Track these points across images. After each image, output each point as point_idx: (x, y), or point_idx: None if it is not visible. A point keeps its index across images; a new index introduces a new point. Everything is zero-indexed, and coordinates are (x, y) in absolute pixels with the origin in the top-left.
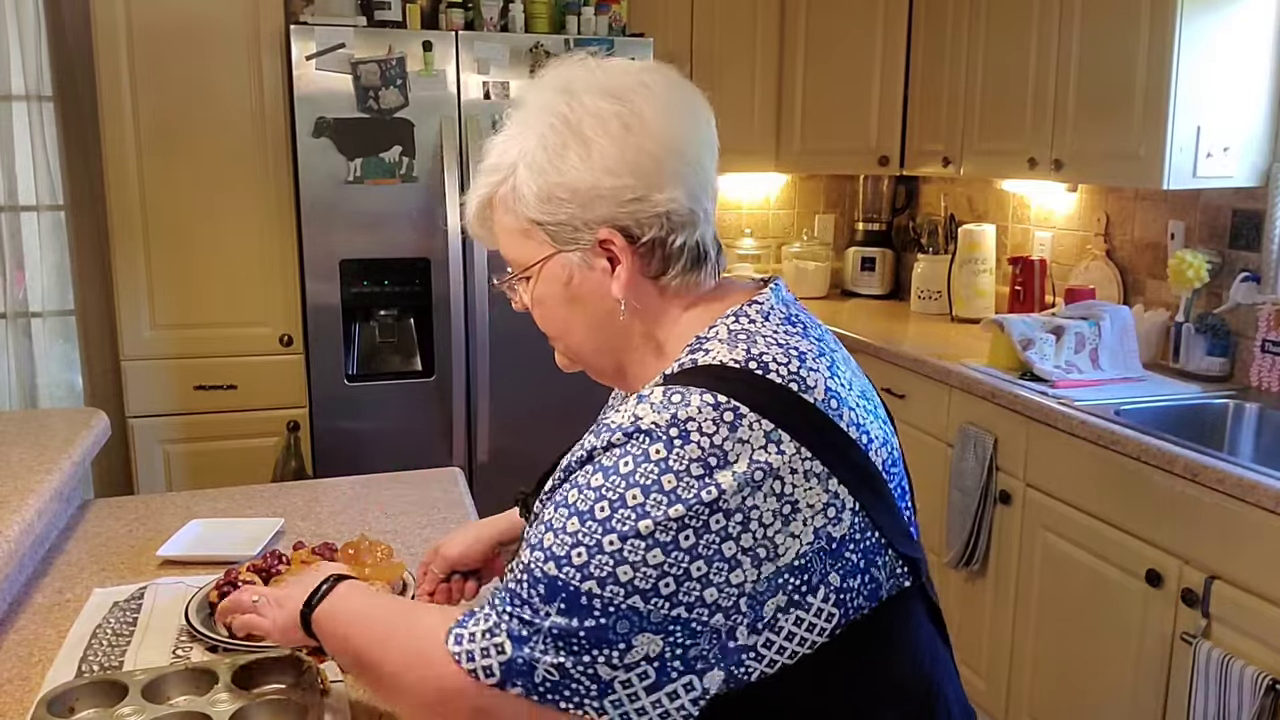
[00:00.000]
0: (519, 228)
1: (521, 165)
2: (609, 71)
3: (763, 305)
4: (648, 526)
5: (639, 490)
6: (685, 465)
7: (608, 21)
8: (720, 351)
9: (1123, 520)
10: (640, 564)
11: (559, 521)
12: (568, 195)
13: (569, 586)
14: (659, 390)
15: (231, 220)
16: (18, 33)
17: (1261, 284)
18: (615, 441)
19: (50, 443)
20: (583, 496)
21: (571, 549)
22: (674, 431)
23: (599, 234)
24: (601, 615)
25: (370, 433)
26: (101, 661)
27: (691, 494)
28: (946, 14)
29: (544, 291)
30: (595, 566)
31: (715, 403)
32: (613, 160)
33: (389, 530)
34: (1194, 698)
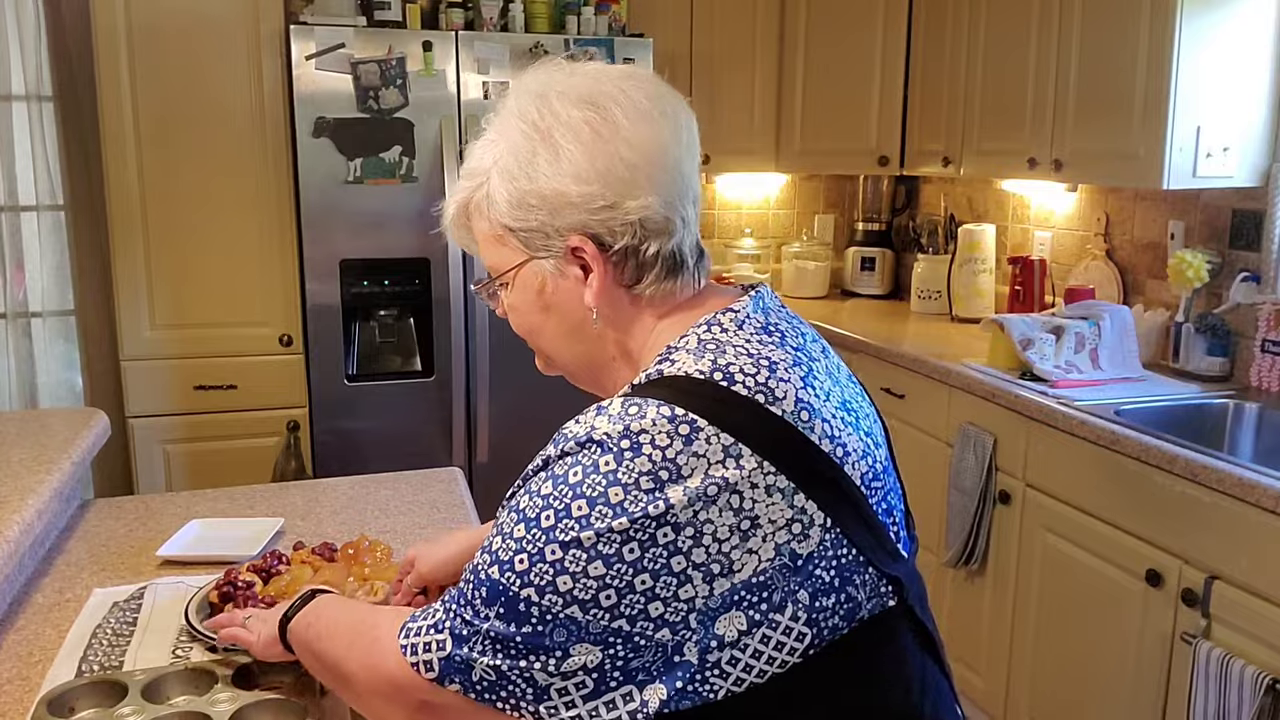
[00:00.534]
0: (493, 234)
1: (494, 171)
2: (585, 76)
3: (738, 313)
4: (589, 538)
5: (584, 501)
6: (634, 478)
7: (607, 21)
8: (686, 362)
9: (1123, 520)
10: (580, 574)
11: (508, 526)
12: (537, 202)
13: (508, 592)
14: (618, 401)
15: (231, 220)
16: (18, 33)
17: (1261, 284)
18: (568, 450)
19: (50, 443)
20: (531, 503)
21: (515, 555)
22: (625, 444)
23: (570, 241)
24: (539, 623)
25: (370, 433)
26: (101, 661)
27: (638, 507)
28: (946, 14)
29: (518, 298)
30: (535, 574)
31: (672, 415)
32: (582, 167)
33: (389, 530)
34: (1194, 697)
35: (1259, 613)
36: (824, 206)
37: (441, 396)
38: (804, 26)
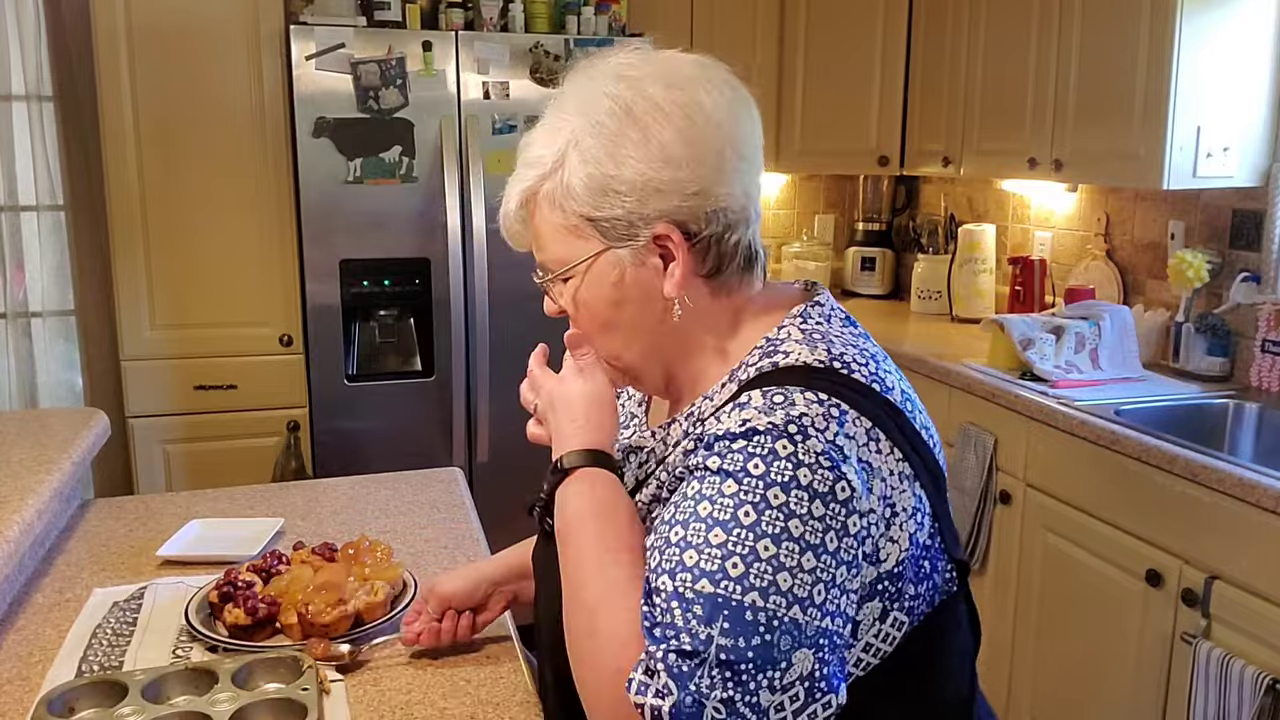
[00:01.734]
0: (565, 224)
1: (573, 156)
2: (664, 62)
3: (823, 307)
4: (797, 527)
5: (779, 489)
6: (814, 459)
7: (607, 21)
8: (800, 352)
9: (1123, 520)
10: (797, 569)
11: (696, 536)
12: (625, 188)
13: (730, 601)
14: (755, 394)
15: (231, 220)
16: (18, 33)
17: (1261, 284)
18: (731, 448)
19: (50, 443)
20: (718, 506)
21: (724, 560)
22: (792, 428)
23: (655, 229)
24: (766, 631)
25: (370, 433)
26: (101, 661)
27: (826, 488)
28: (946, 14)
29: (590, 292)
30: (755, 576)
31: (819, 399)
32: (674, 151)
33: (389, 530)
34: (1194, 697)
35: (1259, 613)
36: (824, 206)
37: (441, 396)
38: (804, 26)
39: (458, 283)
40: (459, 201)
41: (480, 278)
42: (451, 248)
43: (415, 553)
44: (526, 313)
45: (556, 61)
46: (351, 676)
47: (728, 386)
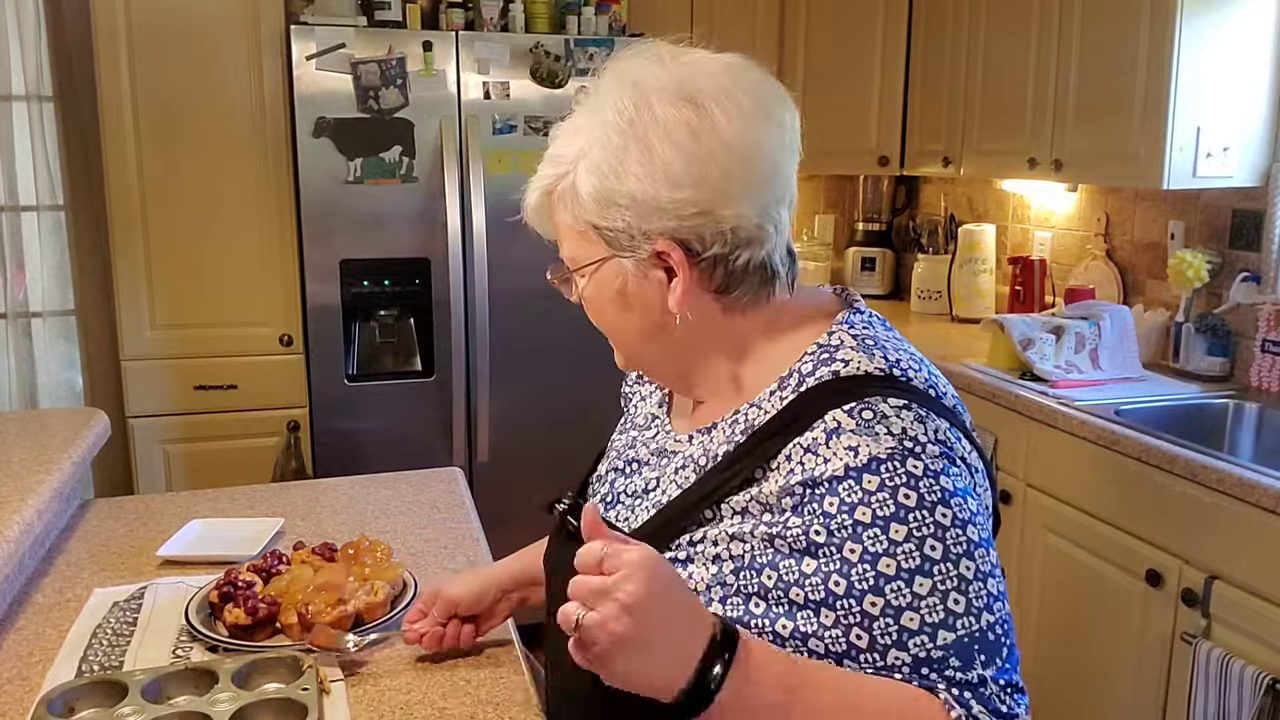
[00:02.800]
0: (575, 227)
1: (581, 163)
2: (686, 68)
3: (864, 314)
4: (975, 534)
5: (942, 507)
6: (941, 465)
7: (608, 21)
8: (859, 360)
9: (1123, 520)
10: (991, 570)
11: (900, 598)
12: (626, 203)
13: (974, 633)
14: (840, 415)
15: (232, 220)
16: (18, 33)
17: (1261, 284)
18: (864, 488)
19: (50, 443)
20: (902, 554)
21: (945, 601)
22: (908, 444)
23: (656, 245)
24: (1004, 635)
25: (370, 433)
26: (101, 661)
27: (964, 482)
28: (946, 14)
29: (596, 294)
30: (975, 599)
31: (904, 404)
32: (676, 171)
33: (389, 530)
34: (1194, 697)
35: (1259, 613)
36: (824, 207)
37: (441, 396)
38: (804, 26)
39: (458, 283)
40: (459, 201)
41: (480, 278)
42: (451, 248)
43: (415, 553)
44: (526, 313)
45: (557, 62)
46: (351, 676)
47: (782, 396)
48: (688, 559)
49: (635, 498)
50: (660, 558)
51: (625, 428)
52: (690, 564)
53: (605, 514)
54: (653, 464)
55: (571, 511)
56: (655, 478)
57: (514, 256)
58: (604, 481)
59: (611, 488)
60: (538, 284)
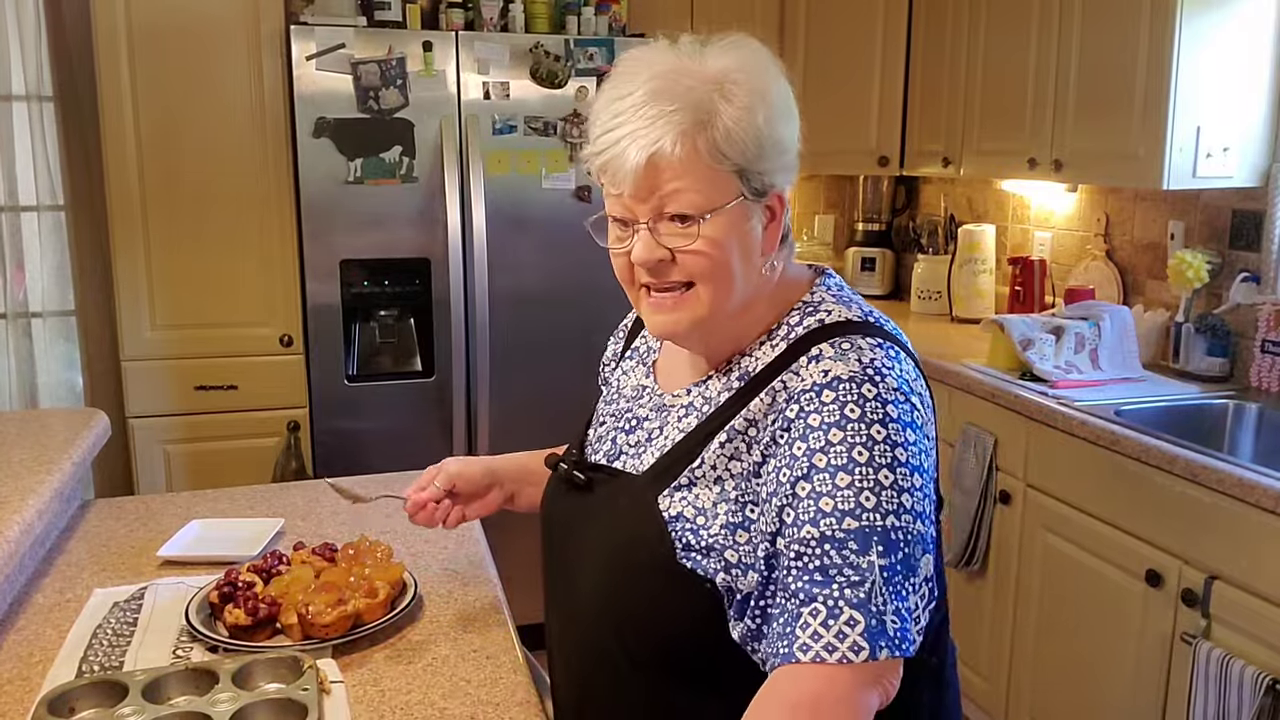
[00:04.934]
0: (718, 168)
1: (731, 110)
2: (744, 38)
3: (835, 278)
4: (902, 454)
5: (879, 425)
6: (893, 395)
7: (607, 21)
8: (840, 311)
9: (1123, 520)
10: (912, 489)
11: (824, 484)
12: (776, 151)
13: (875, 527)
14: (824, 346)
15: (232, 220)
16: (18, 33)
17: (1261, 284)
18: (821, 400)
19: (51, 443)
20: (833, 453)
21: (858, 496)
22: (870, 371)
23: (777, 190)
24: (904, 544)
25: (370, 433)
26: (102, 662)
27: (910, 417)
28: (946, 14)
29: (724, 232)
30: (886, 501)
31: (878, 343)
32: (797, 126)
33: (389, 530)
34: (1194, 698)
35: (1259, 613)
36: (824, 207)
37: (441, 397)
38: (803, 26)
39: (458, 283)
40: (459, 201)
41: (480, 278)
42: (451, 248)
43: (415, 553)
44: (526, 313)
45: (557, 62)
46: (351, 676)
47: (773, 345)
48: (690, 483)
49: (639, 447)
50: None
51: (612, 399)
52: (694, 487)
53: (611, 464)
54: (653, 418)
55: (576, 466)
56: (657, 427)
57: (514, 256)
58: (604, 440)
59: (614, 444)
60: (538, 284)
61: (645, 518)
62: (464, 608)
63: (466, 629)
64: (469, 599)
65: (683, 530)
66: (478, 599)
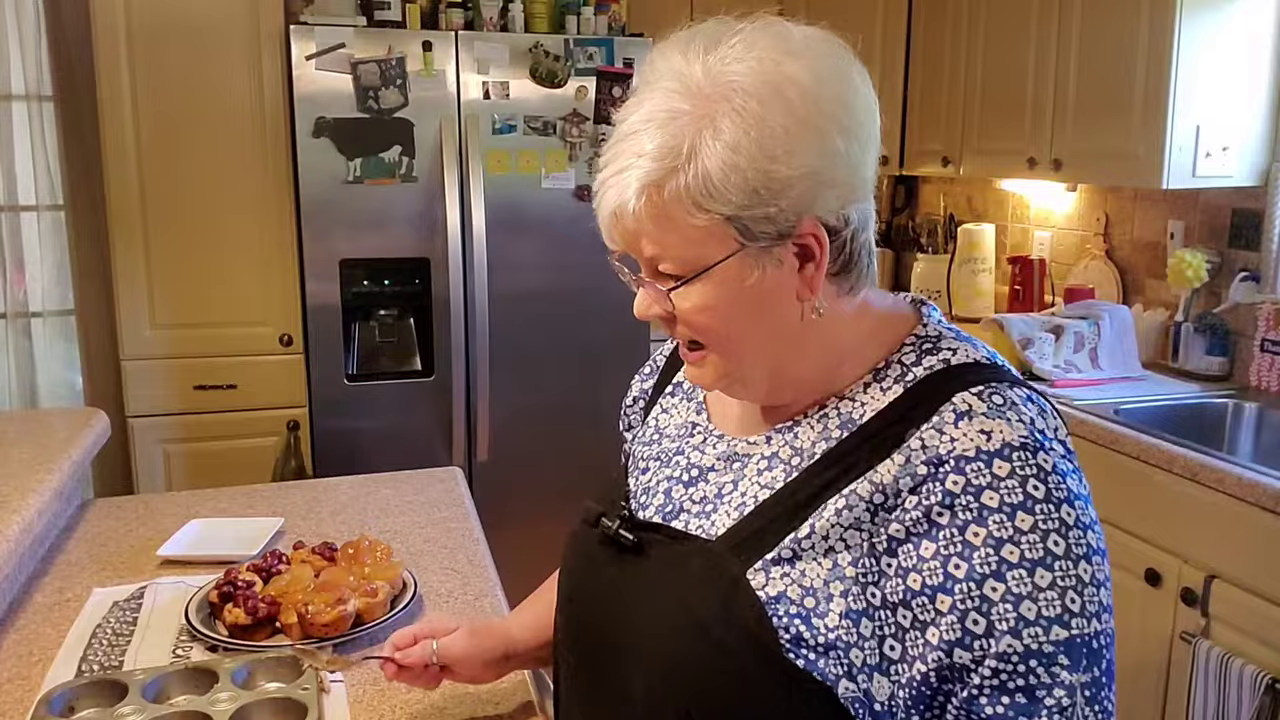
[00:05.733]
0: (698, 224)
1: (711, 147)
2: (788, 28)
3: (936, 310)
4: (1093, 539)
5: (1067, 505)
6: (1067, 464)
7: (607, 21)
8: (966, 350)
9: (1122, 519)
10: (1104, 580)
11: (1022, 585)
12: (779, 186)
13: (1085, 635)
14: (969, 398)
15: (231, 220)
16: (18, 32)
17: (1261, 283)
18: (994, 472)
19: (50, 442)
20: (1026, 544)
21: (1063, 599)
22: (1039, 436)
23: (803, 227)
24: (1106, 649)
25: (370, 432)
26: (101, 661)
27: (1087, 489)
28: (946, 14)
29: (715, 295)
30: (1089, 602)
31: (1029, 396)
32: (833, 140)
33: (389, 530)
34: (1193, 696)
35: (1258, 612)
36: None
37: (441, 396)
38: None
39: (457, 283)
40: (459, 201)
41: (480, 278)
42: (451, 248)
43: (415, 552)
44: (526, 312)
45: (556, 62)
46: (351, 676)
47: (883, 387)
48: (794, 556)
49: (706, 504)
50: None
51: (653, 439)
52: (799, 561)
53: (669, 523)
54: (721, 469)
55: (625, 526)
56: (729, 481)
57: (514, 256)
58: (654, 493)
59: (669, 497)
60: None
61: (734, 595)
62: (464, 607)
63: None
64: (469, 599)
65: (788, 618)
66: (477, 599)
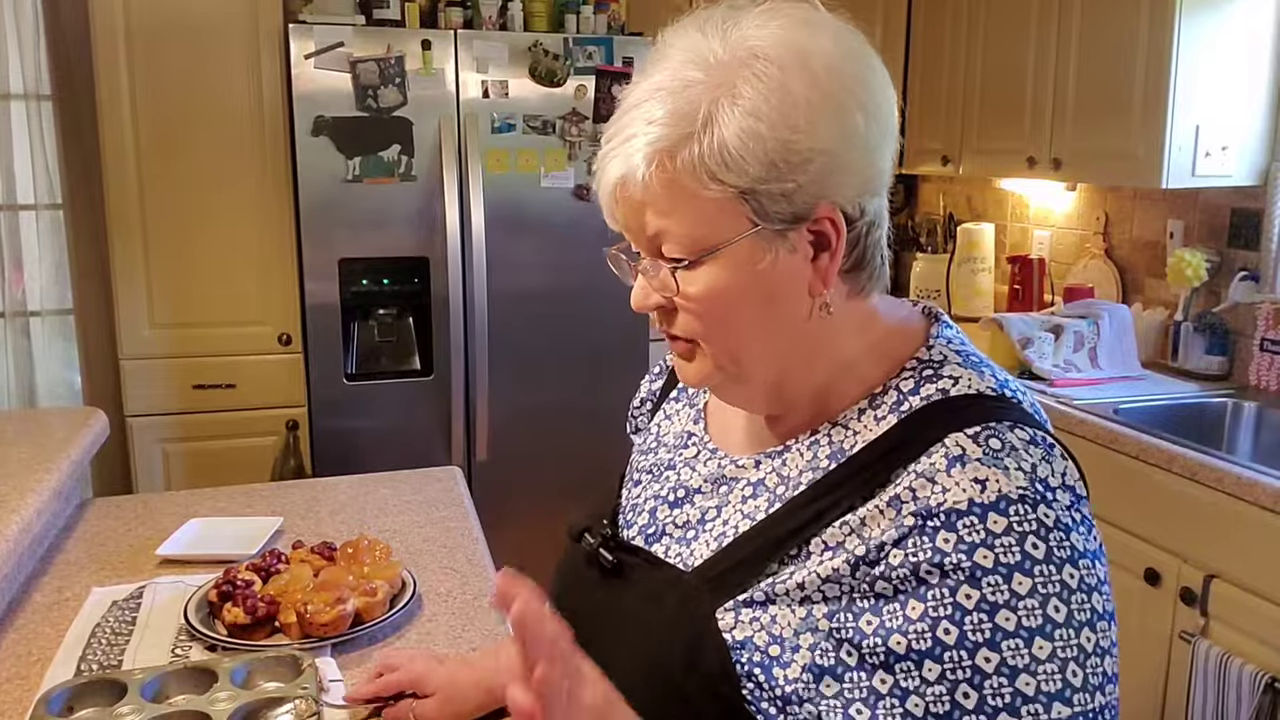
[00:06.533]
0: (711, 197)
1: (730, 115)
2: (808, 9)
3: (953, 328)
4: (1098, 602)
5: (1070, 566)
6: (1072, 517)
7: (606, 20)
8: (971, 379)
9: (1121, 519)
10: (1110, 647)
11: (1018, 656)
12: (799, 160)
13: (1088, 712)
14: (964, 440)
15: (230, 219)
16: (16, 32)
17: (1260, 283)
18: (988, 527)
19: (49, 442)
20: (1023, 611)
21: (1064, 672)
22: (1040, 487)
23: (819, 210)
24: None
25: (369, 432)
26: (100, 660)
27: (1095, 544)
28: (945, 13)
29: (721, 279)
30: (1093, 675)
31: (1030, 437)
32: (855, 121)
33: (388, 529)
34: (1193, 696)
35: (1257, 612)
36: None
37: (440, 395)
38: None
39: (456, 282)
40: (458, 200)
41: (479, 277)
42: (450, 247)
43: (414, 552)
44: (525, 312)
45: (556, 60)
46: (351, 675)
47: (877, 415)
48: (766, 600)
49: (688, 529)
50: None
51: (650, 448)
52: (772, 605)
53: (651, 545)
54: (708, 492)
55: (605, 546)
56: (714, 507)
57: (513, 255)
58: (640, 511)
59: (653, 517)
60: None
61: (701, 636)
62: (463, 606)
63: (465, 628)
64: (468, 598)
65: (751, 664)
66: (476, 598)
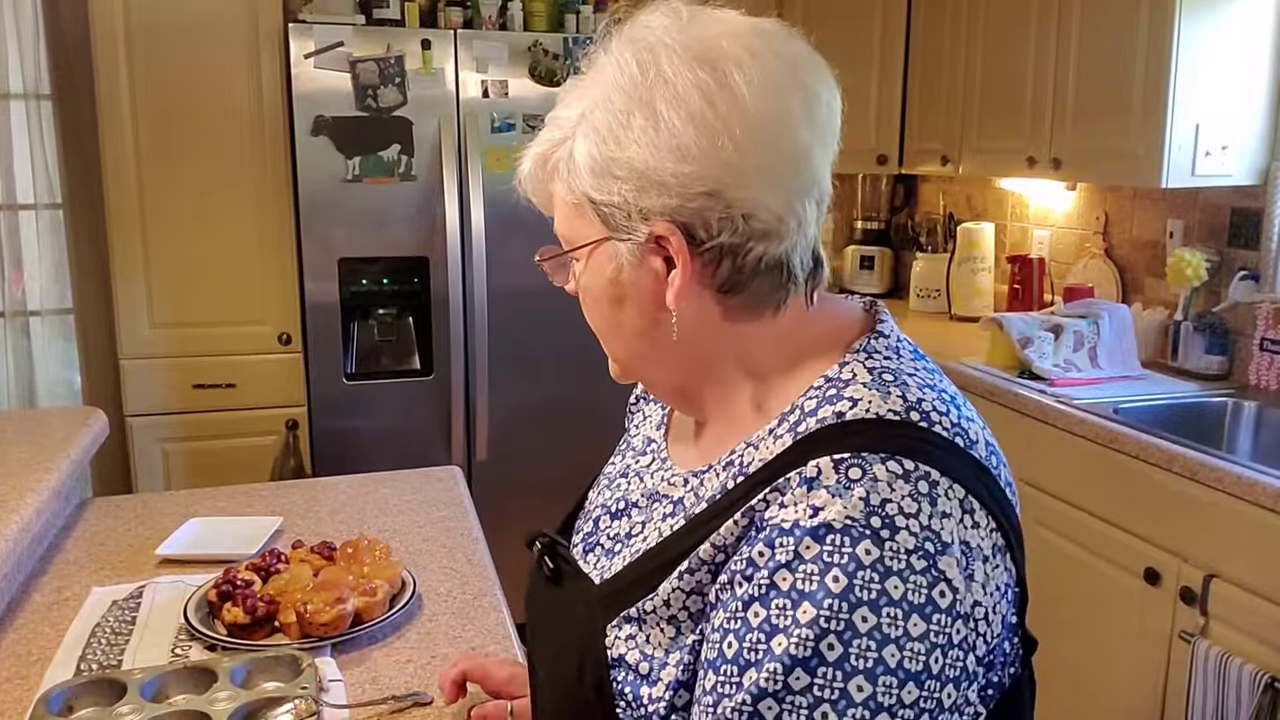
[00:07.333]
0: (570, 200)
1: (581, 127)
2: (707, 27)
3: (888, 337)
4: (893, 655)
5: (866, 609)
6: (905, 563)
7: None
8: (871, 400)
9: (1121, 518)
10: (898, 706)
11: (773, 681)
12: (624, 174)
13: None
14: (825, 464)
15: (230, 219)
16: (16, 31)
17: (1260, 282)
18: (800, 552)
19: (49, 441)
20: (795, 639)
21: (813, 710)
22: (876, 522)
23: (655, 227)
24: None
25: (369, 431)
26: (100, 660)
27: (923, 598)
28: (945, 13)
29: (589, 281)
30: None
31: (903, 471)
32: (684, 142)
33: (388, 529)
34: (1192, 696)
35: (1257, 611)
36: None
37: (440, 395)
38: (801, 25)
39: (456, 281)
40: (458, 200)
41: (479, 276)
42: (450, 246)
43: (414, 551)
44: (525, 311)
45: (555, 60)
46: (350, 675)
47: (777, 435)
48: (641, 618)
49: (616, 542)
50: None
51: (621, 451)
52: (645, 624)
53: (585, 556)
54: (643, 506)
55: (548, 551)
56: (640, 522)
57: (513, 255)
58: (588, 518)
59: (596, 526)
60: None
61: (587, 652)
62: (463, 606)
63: (465, 628)
64: (468, 598)
65: (623, 682)
66: (476, 598)
